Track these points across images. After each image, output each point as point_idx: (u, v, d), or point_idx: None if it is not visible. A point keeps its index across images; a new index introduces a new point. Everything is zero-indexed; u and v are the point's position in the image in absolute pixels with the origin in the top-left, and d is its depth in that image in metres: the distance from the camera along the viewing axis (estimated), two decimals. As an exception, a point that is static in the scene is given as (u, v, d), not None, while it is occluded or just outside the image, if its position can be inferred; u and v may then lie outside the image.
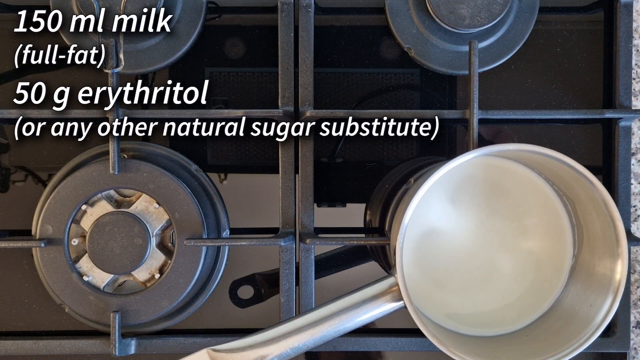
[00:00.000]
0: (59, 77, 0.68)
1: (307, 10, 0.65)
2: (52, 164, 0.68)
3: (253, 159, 0.69)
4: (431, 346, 0.54)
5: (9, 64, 0.68)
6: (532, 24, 0.66)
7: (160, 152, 0.67)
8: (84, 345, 0.65)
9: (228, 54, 0.69)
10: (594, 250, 0.58)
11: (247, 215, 0.69)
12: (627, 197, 0.66)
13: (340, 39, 0.69)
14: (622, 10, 0.66)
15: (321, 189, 0.68)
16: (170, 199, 0.62)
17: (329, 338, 0.53)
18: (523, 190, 0.61)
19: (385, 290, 0.54)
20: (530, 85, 0.69)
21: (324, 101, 0.68)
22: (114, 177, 0.62)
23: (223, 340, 0.53)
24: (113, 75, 0.61)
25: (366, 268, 0.70)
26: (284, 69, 0.65)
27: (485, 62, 0.66)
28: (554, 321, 0.59)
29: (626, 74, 0.66)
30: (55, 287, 0.63)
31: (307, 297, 0.64)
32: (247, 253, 0.69)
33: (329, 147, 0.69)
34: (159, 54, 0.66)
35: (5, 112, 0.63)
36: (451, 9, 0.63)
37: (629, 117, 0.65)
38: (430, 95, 0.69)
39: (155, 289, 0.63)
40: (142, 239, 0.61)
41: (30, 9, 0.65)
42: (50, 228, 0.62)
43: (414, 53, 0.66)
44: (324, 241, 0.65)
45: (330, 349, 0.66)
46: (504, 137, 0.69)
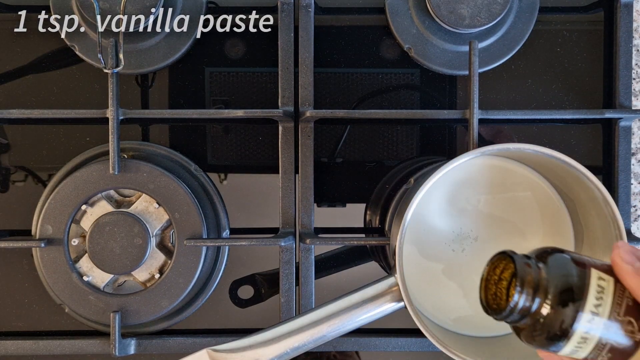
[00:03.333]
0: (59, 77, 0.68)
1: (307, 10, 0.65)
2: (52, 164, 0.68)
3: (253, 159, 0.69)
4: (431, 346, 0.54)
5: (9, 63, 0.68)
6: (532, 24, 0.66)
7: (160, 152, 0.67)
8: (84, 345, 0.65)
9: (228, 54, 0.69)
10: (594, 249, 0.58)
11: (247, 215, 0.69)
12: (627, 197, 0.66)
13: (340, 39, 0.69)
14: (622, 10, 0.66)
15: (321, 189, 0.68)
16: (170, 199, 0.62)
17: (329, 338, 0.53)
18: (523, 190, 0.61)
19: (385, 290, 0.54)
20: (530, 85, 0.69)
21: (324, 101, 0.68)
22: (114, 177, 0.62)
23: (223, 340, 0.53)
24: (113, 75, 0.61)
25: (366, 268, 0.70)
26: (284, 69, 0.65)
27: (485, 62, 0.66)
28: (554, 321, 0.59)
29: (626, 74, 0.66)
30: (55, 287, 0.63)
31: (307, 297, 0.65)
32: (247, 253, 0.69)
33: (329, 147, 0.69)
34: (159, 54, 0.66)
35: (5, 112, 0.63)
36: (451, 9, 0.63)
37: (629, 117, 0.65)
38: (430, 95, 0.69)
39: (155, 289, 0.63)
40: (142, 239, 0.61)
41: (30, 9, 0.65)
42: (50, 228, 0.62)
43: (414, 53, 0.66)
44: (324, 241, 0.65)
45: (330, 348, 0.66)
46: (504, 137, 0.69)
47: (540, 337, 0.44)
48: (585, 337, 0.42)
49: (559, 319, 0.42)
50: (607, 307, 0.42)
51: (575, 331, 0.42)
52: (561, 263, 0.44)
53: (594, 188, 0.54)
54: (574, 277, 0.43)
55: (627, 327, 0.42)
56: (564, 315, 0.42)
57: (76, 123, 0.68)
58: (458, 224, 0.61)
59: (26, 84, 0.68)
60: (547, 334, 0.43)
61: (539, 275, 0.43)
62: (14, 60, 0.68)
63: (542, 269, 0.44)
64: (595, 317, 0.42)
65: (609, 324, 0.42)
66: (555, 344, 0.43)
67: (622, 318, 0.42)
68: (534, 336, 0.44)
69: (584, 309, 0.42)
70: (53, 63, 0.68)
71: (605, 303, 0.42)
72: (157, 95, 0.69)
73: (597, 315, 0.42)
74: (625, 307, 0.42)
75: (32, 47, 0.68)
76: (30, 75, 0.68)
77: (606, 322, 0.42)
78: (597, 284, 0.42)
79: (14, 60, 0.68)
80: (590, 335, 0.42)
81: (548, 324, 0.43)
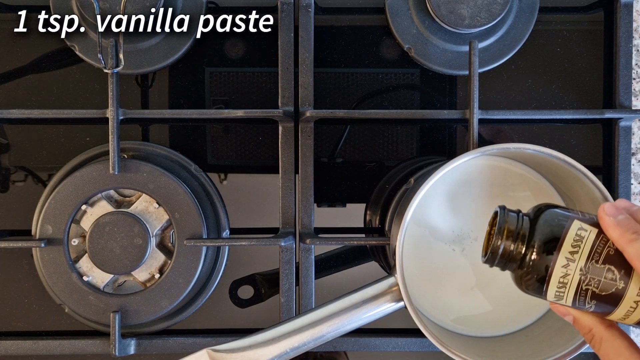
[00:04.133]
0: (59, 77, 0.68)
1: (307, 10, 0.65)
2: (52, 164, 0.68)
3: (253, 159, 0.69)
4: (431, 346, 0.54)
5: (9, 63, 0.68)
6: (532, 24, 0.66)
7: (160, 152, 0.67)
8: (84, 345, 0.65)
9: (228, 54, 0.69)
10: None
11: (247, 215, 0.69)
12: (627, 197, 0.66)
13: (340, 39, 0.69)
14: (622, 10, 0.66)
15: (321, 189, 0.68)
16: (170, 199, 0.62)
17: (329, 338, 0.53)
18: (523, 190, 0.61)
19: (385, 290, 0.54)
20: (530, 85, 0.69)
21: (324, 101, 0.68)
22: (114, 177, 0.62)
23: (223, 340, 0.53)
24: (113, 75, 0.61)
25: (366, 268, 0.70)
26: (284, 69, 0.65)
27: (485, 62, 0.66)
28: (554, 321, 0.59)
29: (626, 74, 0.66)
30: (55, 287, 0.63)
31: (307, 297, 0.65)
32: (247, 253, 0.69)
33: (329, 147, 0.69)
34: (159, 54, 0.66)
35: (5, 112, 0.63)
36: (451, 9, 0.63)
37: (629, 117, 0.65)
38: (430, 95, 0.69)
39: (155, 289, 0.63)
40: (142, 239, 0.61)
41: (30, 9, 0.65)
42: (50, 228, 0.62)
43: (414, 53, 0.66)
44: (324, 241, 0.65)
45: (330, 349, 0.66)
46: (504, 137, 0.69)
47: (526, 282, 0.48)
48: (563, 282, 0.46)
49: (538, 265, 0.47)
50: (583, 254, 0.45)
51: (551, 276, 0.46)
52: (548, 215, 0.48)
53: (594, 188, 0.54)
54: (555, 227, 0.47)
55: (607, 275, 0.45)
56: (542, 261, 0.46)
57: (76, 123, 0.68)
58: (458, 224, 0.61)
59: (26, 84, 0.68)
60: (530, 279, 0.47)
61: (519, 225, 0.48)
62: (14, 60, 0.68)
63: (525, 220, 0.48)
64: (570, 263, 0.45)
65: (586, 271, 0.45)
66: (539, 288, 0.47)
67: (601, 266, 0.45)
68: (522, 282, 0.48)
69: (558, 255, 0.46)
70: (53, 63, 0.68)
71: (583, 251, 0.45)
72: (157, 95, 0.69)
73: (572, 262, 0.45)
74: (606, 256, 0.45)
75: (32, 47, 0.68)
76: (30, 75, 0.68)
77: (583, 267, 0.45)
78: (576, 233, 0.46)
79: (14, 60, 0.68)
80: (566, 280, 0.45)
81: (530, 269, 0.47)
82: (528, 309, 0.61)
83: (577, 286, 0.45)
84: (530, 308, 0.61)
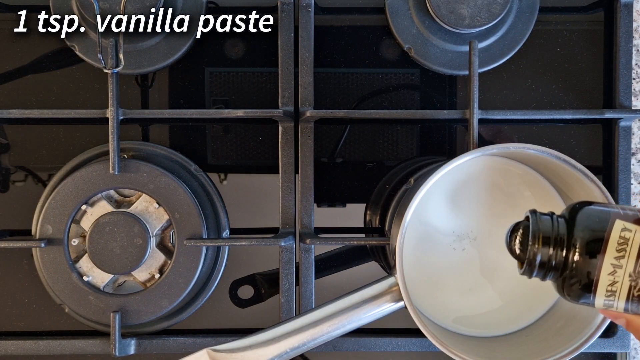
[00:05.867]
0: (59, 77, 0.68)
1: (307, 10, 0.65)
2: (52, 164, 0.68)
3: (253, 159, 0.69)
4: (431, 346, 0.54)
5: (9, 64, 0.68)
6: (532, 24, 0.66)
7: (160, 152, 0.67)
8: (84, 345, 0.65)
9: (228, 54, 0.69)
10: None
11: (247, 215, 0.69)
12: (627, 197, 0.66)
13: (340, 39, 0.69)
14: (622, 10, 0.66)
15: (321, 189, 0.68)
16: (170, 199, 0.62)
17: (329, 338, 0.53)
18: (523, 190, 0.61)
19: (385, 290, 0.54)
20: (530, 85, 0.69)
21: (324, 101, 0.68)
22: (114, 177, 0.62)
23: (223, 340, 0.53)
24: (113, 75, 0.61)
25: (366, 268, 0.70)
26: (284, 69, 0.65)
27: (485, 62, 0.66)
28: (554, 321, 0.59)
29: (626, 74, 0.66)
30: (55, 287, 0.63)
31: (307, 297, 0.64)
32: (247, 253, 0.69)
33: (329, 147, 0.69)
34: (159, 54, 0.66)
35: (5, 112, 0.63)
36: (451, 9, 0.63)
37: (629, 117, 0.65)
38: (430, 95, 0.69)
39: (155, 289, 0.63)
40: (142, 239, 0.61)
41: (30, 9, 0.65)
42: (50, 228, 0.62)
43: (414, 53, 0.66)
44: (324, 241, 0.65)
45: (330, 349, 0.66)
46: (504, 137, 0.69)
47: (571, 291, 0.43)
48: (612, 290, 0.42)
49: (582, 271, 0.42)
50: (631, 258, 0.41)
51: (598, 285, 0.42)
52: (585, 215, 0.43)
53: (594, 188, 0.54)
54: (595, 228, 0.42)
55: None
56: (585, 267, 0.42)
57: (76, 123, 0.68)
58: (458, 224, 0.61)
59: (26, 84, 0.68)
60: (575, 287, 0.43)
61: (555, 229, 0.43)
62: (14, 60, 0.68)
63: (560, 223, 0.43)
64: (617, 269, 0.41)
65: (636, 276, 0.41)
66: (585, 297, 0.43)
67: None
68: (565, 291, 0.44)
69: (603, 261, 0.41)
70: (53, 63, 0.68)
71: (630, 254, 0.41)
72: (157, 95, 0.69)
73: (619, 268, 0.41)
74: None
75: (32, 47, 0.68)
76: (30, 75, 0.68)
77: (632, 273, 0.41)
78: (620, 235, 0.41)
79: (14, 60, 0.68)
80: (615, 287, 0.41)
81: (573, 276, 0.42)
82: (528, 309, 0.61)
83: (628, 293, 0.42)
84: (531, 308, 0.61)
